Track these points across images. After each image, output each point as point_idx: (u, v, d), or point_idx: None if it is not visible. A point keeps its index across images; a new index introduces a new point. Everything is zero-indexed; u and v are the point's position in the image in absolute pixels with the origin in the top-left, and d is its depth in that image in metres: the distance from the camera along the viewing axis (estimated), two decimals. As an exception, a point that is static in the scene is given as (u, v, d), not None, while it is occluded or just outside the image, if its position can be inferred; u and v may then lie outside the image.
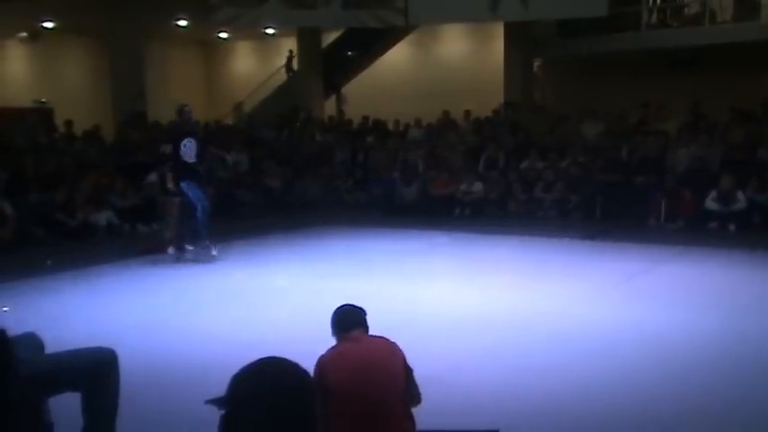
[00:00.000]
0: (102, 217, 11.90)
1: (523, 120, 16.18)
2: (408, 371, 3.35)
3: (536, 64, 18.52)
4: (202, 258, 9.38)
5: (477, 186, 13.65)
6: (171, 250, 9.80)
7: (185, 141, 9.33)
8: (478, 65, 20.14)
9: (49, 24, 19.06)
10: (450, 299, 7.17)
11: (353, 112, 18.73)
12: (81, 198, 11.91)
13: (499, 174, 14.00)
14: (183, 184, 9.32)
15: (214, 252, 9.46)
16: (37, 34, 20.05)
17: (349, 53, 19.92)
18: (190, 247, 9.84)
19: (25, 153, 13.20)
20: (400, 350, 3.36)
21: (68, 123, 15.62)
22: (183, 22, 19.95)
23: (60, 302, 7.42)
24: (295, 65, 20.56)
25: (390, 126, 17.45)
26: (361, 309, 3.46)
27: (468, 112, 16.79)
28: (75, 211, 11.67)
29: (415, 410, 3.35)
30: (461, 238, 11.22)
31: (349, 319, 3.40)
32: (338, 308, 3.46)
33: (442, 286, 7.78)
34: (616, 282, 7.88)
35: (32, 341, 3.80)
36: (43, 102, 19.07)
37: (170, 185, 9.56)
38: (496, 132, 15.58)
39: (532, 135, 15.16)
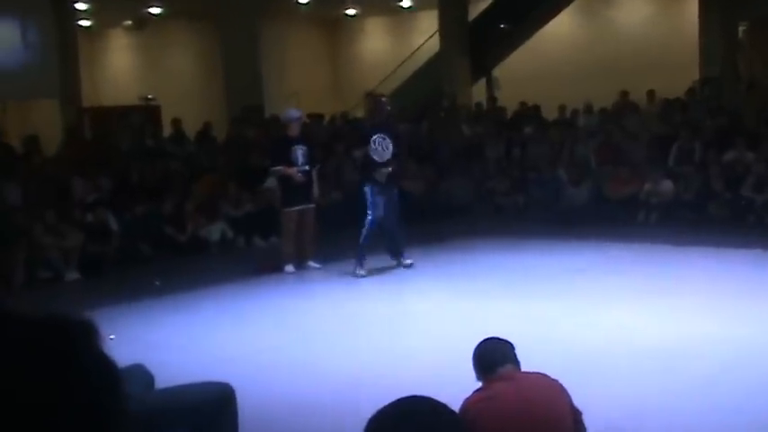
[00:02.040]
0: (215, 230, 12.44)
1: (726, 100, 15.59)
2: (576, 414, 3.30)
3: (741, 29, 17.78)
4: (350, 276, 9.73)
5: (667, 185, 13.25)
6: (289, 268, 10.19)
7: (377, 137, 9.72)
8: (666, 33, 19.58)
9: (156, 10, 20.12)
10: (630, 326, 7.01)
11: (508, 98, 18.66)
12: (191, 208, 12.51)
13: (695, 169, 13.55)
14: (366, 189, 9.72)
15: (362, 272, 9.73)
16: (143, 22, 21.22)
17: (501, 26, 19.86)
18: (316, 265, 10.17)
19: (130, 158, 14.02)
20: (565, 389, 3.32)
21: (176, 122, 16.45)
22: (303, -1, 20.60)
23: (169, 328, 7.86)
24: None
25: (554, 113, 17.25)
26: (507, 342, 3.44)
27: (652, 93, 16.39)
28: (186, 223, 12.28)
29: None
30: (646, 250, 10.90)
31: (495, 356, 3.38)
32: (480, 343, 3.45)
33: (620, 311, 7.60)
34: None
35: (141, 375, 4.03)
36: (149, 98, 20.15)
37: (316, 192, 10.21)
38: (691, 116, 15.07)
39: (738, 119, 14.59)
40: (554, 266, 9.96)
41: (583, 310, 7.70)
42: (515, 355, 3.40)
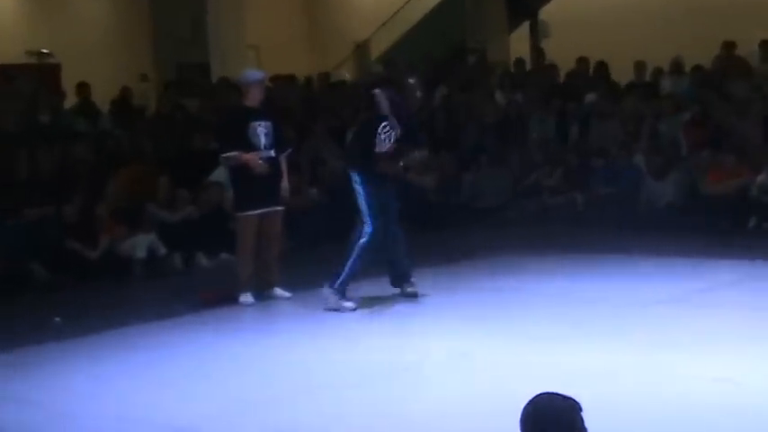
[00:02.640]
0: (140, 244, 12.38)
1: None
2: None
3: None
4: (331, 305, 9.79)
5: (788, 177, 13.29)
6: (245, 298, 10.18)
7: (385, 124, 9.89)
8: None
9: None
10: (741, 380, 7.00)
11: (561, 52, 18.68)
12: (105, 213, 12.48)
13: (828, 154, 13.60)
14: (367, 187, 9.81)
15: (349, 305, 9.77)
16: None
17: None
18: (284, 294, 10.17)
19: (16, 140, 13.95)
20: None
21: (83, 88, 16.45)
22: None
23: (69, 386, 7.78)
24: None
25: (628, 74, 17.27)
26: (571, 400, 3.43)
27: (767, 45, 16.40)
28: (97, 234, 12.23)
29: None
30: (763, 272, 10.89)
31: (554, 422, 3.38)
32: (532, 403, 3.44)
33: (727, 359, 7.60)
34: None
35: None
36: (44, 54, 20.12)
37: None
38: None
39: None
40: (626, 296, 9.94)
41: (672, 356, 7.67)
42: (582, 421, 3.39)
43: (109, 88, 16.74)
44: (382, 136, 9.89)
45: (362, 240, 9.75)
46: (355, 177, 9.88)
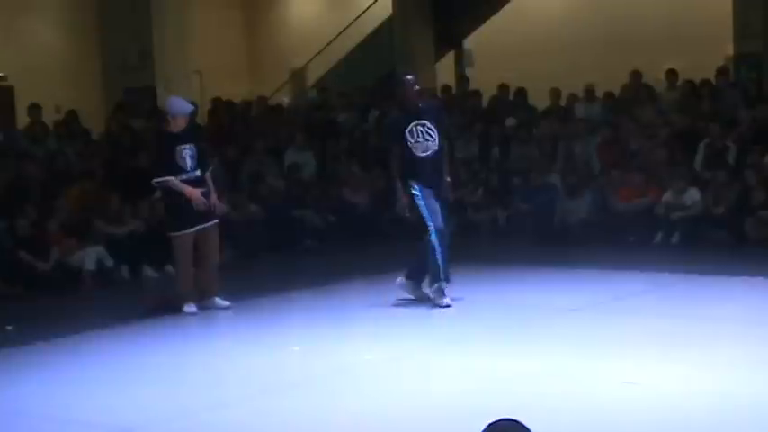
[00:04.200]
0: (90, 256, 12.31)
1: (768, 82, 15.86)
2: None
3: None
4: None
5: (692, 195, 13.41)
6: (189, 308, 10.14)
7: (414, 126, 9.89)
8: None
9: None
10: (653, 384, 7.03)
11: (484, 80, 18.76)
12: (56, 227, 12.38)
13: (728, 174, 13.72)
14: (415, 191, 9.83)
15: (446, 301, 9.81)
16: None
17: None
18: (223, 303, 10.11)
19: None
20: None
21: (35, 110, 16.24)
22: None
23: (19, 392, 7.67)
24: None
25: (545, 100, 17.37)
26: (523, 427, 3.39)
27: (673, 74, 16.57)
28: (48, 247, 12.13)
29: None
30: (665, 281, 11.00)
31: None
32: (488, 428, 3.38)
33: (635, 363, 7.63)
34: None
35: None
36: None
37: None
38: (723, 105, 15.30)
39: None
40: (543, 305, 9.98)
41: (579, 364, 7.69)
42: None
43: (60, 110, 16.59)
44: (417, 138, 9.92)
45: (430, 243, 9.86)
46: (409, 186, 9.94)
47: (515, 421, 3.44)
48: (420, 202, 9.82)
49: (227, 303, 10.34)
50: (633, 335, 8.71)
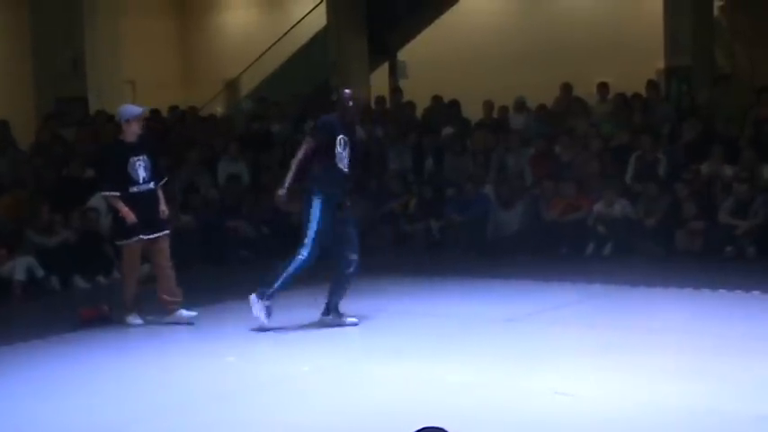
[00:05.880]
0: (20, 267, 12.18)
1: (699, 97, 15.99)
2: None
3: (718, 4, 18.30)
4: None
5: (623, 207, 13.53)
6: (133, 319, 10.06)
7: (342, 137, 9.68)
8: (621, 11, 20.05)
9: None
10: (586, 395, 7.09)
11: (418, 91, 18.78)
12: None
13: (659, 187, 13.85)
14: (318, 201, 9.61)
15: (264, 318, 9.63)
16: None
17: (409, -6, 20.06)
18: (190, 313, 9.97)
19: None
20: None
21: (-36, 119, 16.02)
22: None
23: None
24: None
25: (478, 112, 17.43)
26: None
27: (604, 87, 16.70)
28: (-24, 257, 11.95)
29: None
30: (596, 292, 11.09)
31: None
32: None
33: (566, 373, 7.69)
34: None
35: None
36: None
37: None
38: (653, 118, 15.44)
39: (715, 122, 14.97)
40: (477, 316, 10.02)
41: (513, 374, 7.74)
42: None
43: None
44: (341, 150, 9.74)
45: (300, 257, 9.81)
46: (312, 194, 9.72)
47: (441, 429, 3.43)
48: (316, 217, 9.61)
49: (194, 313, 10.14)
50: (566, 346, 8.78)
